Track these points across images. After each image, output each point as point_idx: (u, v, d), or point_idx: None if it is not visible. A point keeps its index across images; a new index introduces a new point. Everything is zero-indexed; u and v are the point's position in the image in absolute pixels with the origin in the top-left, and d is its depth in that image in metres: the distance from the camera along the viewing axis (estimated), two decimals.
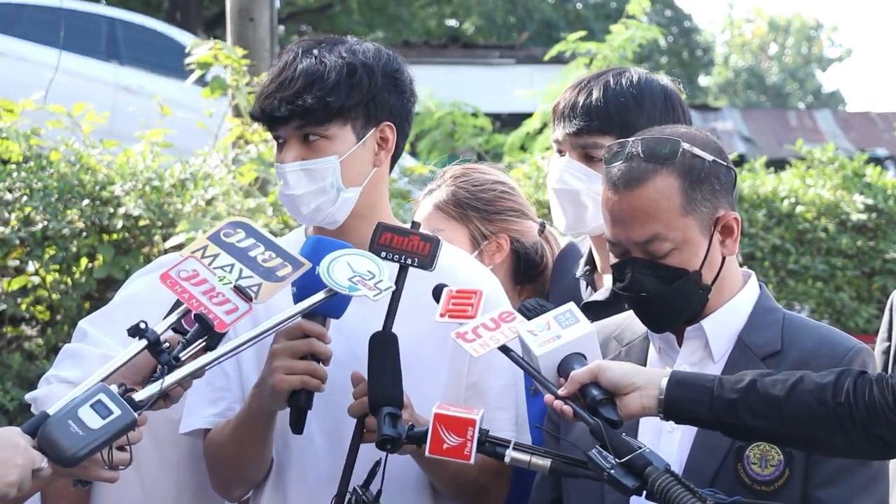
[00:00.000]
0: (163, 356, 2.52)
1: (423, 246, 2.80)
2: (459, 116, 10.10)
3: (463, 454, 2.60)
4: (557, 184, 3.40)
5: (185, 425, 3.05)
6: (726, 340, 2.86)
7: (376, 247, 2.80)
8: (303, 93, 2.90)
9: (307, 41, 3.02)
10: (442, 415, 2.62)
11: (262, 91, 2.97)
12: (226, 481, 3.04)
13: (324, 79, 2.91)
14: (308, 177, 2.96)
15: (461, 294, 2.78)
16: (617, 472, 2.50)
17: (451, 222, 3.56)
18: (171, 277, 2.63)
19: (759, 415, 2.57)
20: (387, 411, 2.67)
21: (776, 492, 2.74)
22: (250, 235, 2.73)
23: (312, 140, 2.95)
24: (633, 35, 8.84)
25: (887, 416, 2.53)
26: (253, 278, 2.65)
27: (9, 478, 2.28)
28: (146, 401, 2.45)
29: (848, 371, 2.60)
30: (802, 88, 51.92)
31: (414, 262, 2.79)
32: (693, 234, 2.78)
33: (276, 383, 2.75)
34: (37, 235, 5.91)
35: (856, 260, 9.40)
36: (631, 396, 2.62)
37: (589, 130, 3.34)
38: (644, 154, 2.78)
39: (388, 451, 2.67)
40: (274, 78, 2.96)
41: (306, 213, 3.00)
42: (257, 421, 2.88)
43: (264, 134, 7.01)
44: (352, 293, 2.68)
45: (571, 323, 2.70)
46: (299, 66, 2.93)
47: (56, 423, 2.33)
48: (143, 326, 2.53)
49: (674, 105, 3.39)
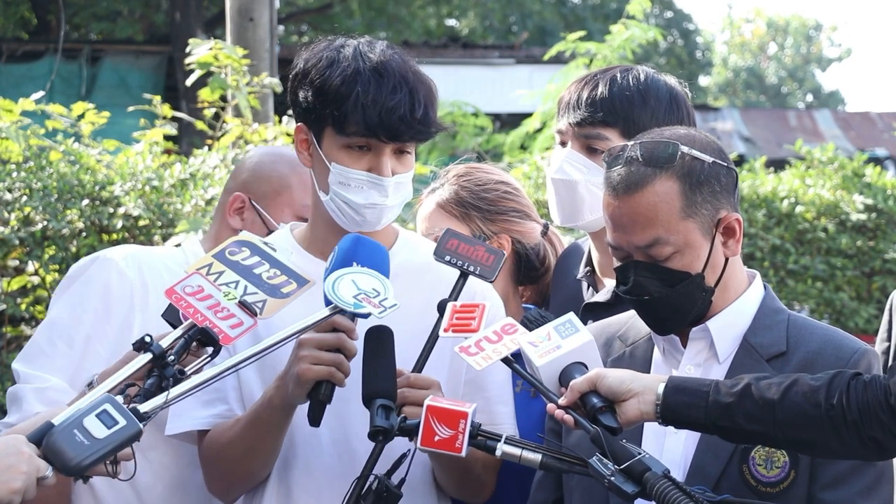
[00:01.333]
0: (168, 369, 2.55)
1: (488, 257, 2.91)
2: (460, 116, 10.11)
3: (454, 447, 2.62)
4: (557, 173, 3.40)
5: (174, 427, 3.05)
6: (731, 341, 2.86)
7: (442, 251, 2.89)
8: (429, 114, 2.99)
9: (369, 44, 3.04)
10: (434, 407, 2.64)
11: (374, 99, 2.94)
12: (228, 481, 3.04)
13: (435, 99, 3.03)
14: (398, 189, 3.03)
15: (465, 308, 2.82)
16: (617, 478, 2.51)
17: (453, 221, 3.56)
18: (176, 292, 2.66)
19: (753, 418, 2.57)
20: (380, 403, 2.69)
21: (781, 493, 2.74)
22: (255, 253, 2.78)
23: (403, 154, 3.03)
24: (632, 35, 8.85)
25: (880, 418, 2.52)
26: (258, 294, 2.69)
27: (13, 485, 2.29)
28: (151, 412, 2.47)
29: (842, 373, 2.60)
30: (802, 88, 51.94)
31: (476, 271, 2.89)
32: (695, 237, 2.78)
33: (301, 372, 2.77)
34: (37, 235, 5.91)
35: (855, 260, 9.41)
36: (629, 403, 2.62)
37: (592, 122, 3.33)
38: (643, 158, 2.78)
39: (379, 442, 2.70)
40: (381, 89, 2.95)
41: (384, 222, 3.06)
42: (276, 415, 2.89)
43: (264, 133, 7.00)
44: (357, 311, 2.73)
45: (571, 333, 2.72)
46: (417, 85, 2.98)
47: (61, 432, 2.34)
48: (149, 340, 2.56)
49: (679, 104, 3.39)
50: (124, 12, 22.40)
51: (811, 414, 2.55)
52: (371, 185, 3.00)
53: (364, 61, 2.98)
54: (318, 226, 3.12)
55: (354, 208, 3.01)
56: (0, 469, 2.29)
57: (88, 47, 18.31)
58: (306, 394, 2.79)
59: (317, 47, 3.07)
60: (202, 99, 7.07)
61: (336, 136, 3.00)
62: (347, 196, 3.01)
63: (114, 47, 18.88)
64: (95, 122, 6.64)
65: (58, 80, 15.86)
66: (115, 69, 17.99)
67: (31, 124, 6.32)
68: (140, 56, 18.59)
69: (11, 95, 6.67)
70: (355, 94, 2.94)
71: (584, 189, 3.36)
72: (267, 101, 7.89)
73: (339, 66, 2.99)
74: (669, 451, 2.81)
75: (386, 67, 2.97)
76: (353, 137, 2.97)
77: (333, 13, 22.93)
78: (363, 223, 3.04)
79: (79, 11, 21.69)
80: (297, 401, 2.84)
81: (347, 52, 3.00)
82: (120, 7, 22.31)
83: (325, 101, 2.99)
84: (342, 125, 2.96)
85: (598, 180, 3.32)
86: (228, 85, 7.00)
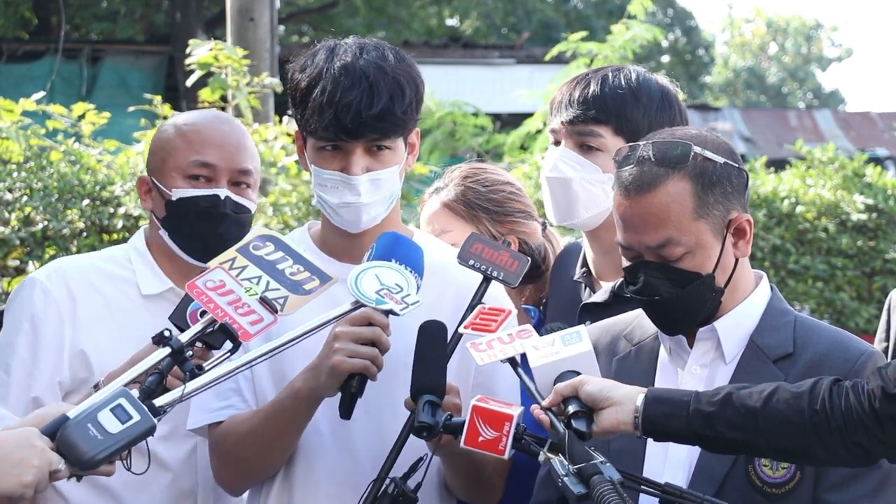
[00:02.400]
0: (186, 364, 2.54)
1: (512, 263, 2.90)
2: (460, 116, 10.11)
3: (497, 448, 2.61)
4: (551, 172, 3.39)
5: (195, 420, 3.05)
6: (738, 342, 2.84)
7: (465, 254, 2.88)
8: (390, 108, 2.93)
9: (348, 45, 3.02)
10: (480, 407, 2.63)
11: (329, 99, 2.92)
12: (241, 473, 3.04)
13: (404, 93, 2.96)
14: (375, 186, 3.00)
15: (491, 311, 2.83)
16: (570, 479, 2.50)
17: (460, 221, 3.56)
18: (197, 287, 2.64)
19: (735, 426, 2.55)
20: (426, 399, 2.69)
21: (787, 494, 2.73)
22: (279, 249, 2.76)
23: (378, 150, 2.99)
24: (635, 35, 8.85)
25: (865, 423, 2.51)
26: (280, 290, 2.67)
27: (25, 478, 2.29)
28: (167, 406, 2.46)
29: (822, 379, 2.58)
30: (802, 88, 51.94)
31: (499, 276, 2.88)
32: (706, 238, 2.76)
33: (336, 364, 2.76)
34: (37, 235, 5.91)
35: (856, 260, 9.41)
36: (607, 411, 2.60)
37: (585, 119, 3.33)
38: (655, 158, 2.76)
39: (424, 437, 2.69)
40: (338, 87, 2.93)
41: (366, 221, 3.03)
42: (303, 406, 2.88)
43: (264, 134, 7.01)
44: (379, 306, 2.72)
45: (574, 342, 2.72)
46: (379, 80, 2.93)
47: (75, 426, 2.34)
48: (168, 335, 2.55)
49: (670, 102, 3.39)
50: (124, 12, 22.40)
51: (794, 421, 2.53)
52: (343, 185, 2.99)
53: (333, 62, 2.96)
54: (326, 227, 3.13)
55: (333, 208, 3.02)
56: (12, 462, 2.29)
57: (89, 47, 18.33)
58: (338, 386, 2.78)
59: (306, 52, 3.08)
60: (202, 99, 7.07)
61: (310, 139, 3.02)
62: (325, 197, 3.02)
63: (114, 47, 18.90)
64: (96, 122, 6.65)
65: (58, 81, 15.88)
66: (115, 69, 18.00)
67: (31, 124, 6.33)
68: (140, 56, 18.60)
69: (12, 95, 6.68)
70: (314, 95, 2.94)
71: (578, 186, 3.36)
72: (267, 102, 7.89)
73: (307, 69, 2.99)
74: (674, 452, 2.80)
75: (353, 66, 2.94)
76: (320, 140, 2.98)
77: (334, 13, 22.93)
78: (344, 223, 3.03)
79: (79, 11, 21.70)
80: (327, 393, 2.83)
81: (321, 56, 3.00)
82: (120, 7, 22.32)
83: (295, 105, 3.02)
84: (308, 127, 2.98)
85: (592, 177, 3.33)
86: (229, 85, 7.01)
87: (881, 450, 2.55)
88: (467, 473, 2.99)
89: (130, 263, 3.40)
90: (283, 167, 6.83)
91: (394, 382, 2.83)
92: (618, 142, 3.25)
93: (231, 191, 3.35)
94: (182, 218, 3.35)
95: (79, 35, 21.57)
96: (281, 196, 6.76)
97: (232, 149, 3.37)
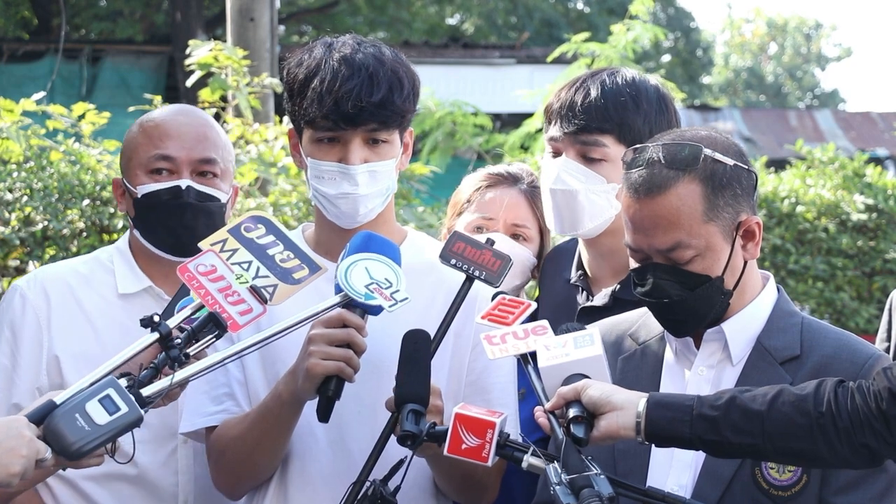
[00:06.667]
0: (173, 351, 2.51)
1: (494, 262, 2.86)
2: (460, 116, 10.09)
3: (480, 456, 2.60)
4: (555, 184, 3.37)
5: (188, 424, 3.05)
6: (745, 344, 2.83)
7: (447, 253, 2.86)
8: (390, 97, 2.95)
9: (345, 40, 3.04)
10: (463, 415, 2.61)
11: (329, 88, 2.94)
12: (235, 476, 3.04)
13: (403, 85, 2.98)
14: (372, 178, 3.01)
15: (511, 303, 2.82)
16: (561, 488, 2.48)
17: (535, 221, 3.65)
18: (189, 271, 2.62)
19: (740, 430, 2.53)
20: (410, 408, 2.67)
21: (793, 497, 2.72)
22: (270, 232, 2.74)
23: (376, 143, 3.00)
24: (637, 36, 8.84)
25: (872, 424, 2.49)
26: (269, 278, 2.65)
27: (13, 468, 2.29)
28: (154, 396, 2.44)
29: (826, 381, 2.56)
30: (801, 88, 51.93)
31: (481, 276, 2.85)
32: (716, 241, 2.74)
33: (311, 367, 2.75)
34: (37, 235, 5.91)
35: (856, 260, 9.41)
36: (608, 416, 2.58)
37: (588, 129, 3.31)
38: (665, 160, 2.73)
39: (408, 446, 2.67)
40: (337, 77, 2.95)
41: (363, 213, 3.03)
42: (286, 410, 2.88)
43: (264, 134, 7.00)
44: (367, 301, 2.70)
45: (586, 345, 2.69)
46: (378, 71, 2.95)
47: (63, 415, 2.32)
48: (157, 319, 2.52)
49: (667, 105, 3.39)
50: (125, 12, 22.39)
51: (800, 423, 2.52)
52: (341, 176, 3.00)
53: (331, 55, 2.98)
54: (320, 225, 3.13)
55: (330, 200, 3.02)
56: (1, 451, 2.28)
57: (89, 47, 18.30)
58: (315, 389, 2.78)
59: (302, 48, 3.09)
60: (203, 99, 7.07)
61: (308, 131, 3.02)
62: (322, 189, 3.02)
63: (114, 47, 18.87)
64: (96, 122, 6.64)
65: (58, 81, 15.87)
66: (115, 69, 17.98)
67: (31, 124, 6.32)
68: (141, 56, 18.58)
69: (12, 95, 6.67)
70: (313, 85, 2.95)
71: (584, 198, 3.34)
72: (267, 102, 7.90)
73: (305, 62, 3.01)
74: (680, 453, 2.78)
75: (352, 58, 2.96)
76: (319, 130, 2.98)
77: (334, 13, 22.92)
78: (341, 216, 3.04)
79: (79, 11, 21.70)
80: (306, 396, 2.82)
81: (318, 50, 3.01)
82: (120, 7, 22.30)
83: (292, 97, 3.02)
84: (306, 117, 2.98)
85: (597, 188, 3.32)
86: (229, 85, 7.01)
87: (888, 451, 2.54)
88: (456, 476, 2.98)
89: (112, 264, 3.41)
90: (284, 167, 6.82)
91: (387, 383, 2.81)
92: (620, 150, 3.23)
93: (196, 181, 3.33)
94: (148, 213, 3.35)
95: (79, 35, 21.56)
96: (281, 196, 6.75)
97: (191, 140, 3.36)
